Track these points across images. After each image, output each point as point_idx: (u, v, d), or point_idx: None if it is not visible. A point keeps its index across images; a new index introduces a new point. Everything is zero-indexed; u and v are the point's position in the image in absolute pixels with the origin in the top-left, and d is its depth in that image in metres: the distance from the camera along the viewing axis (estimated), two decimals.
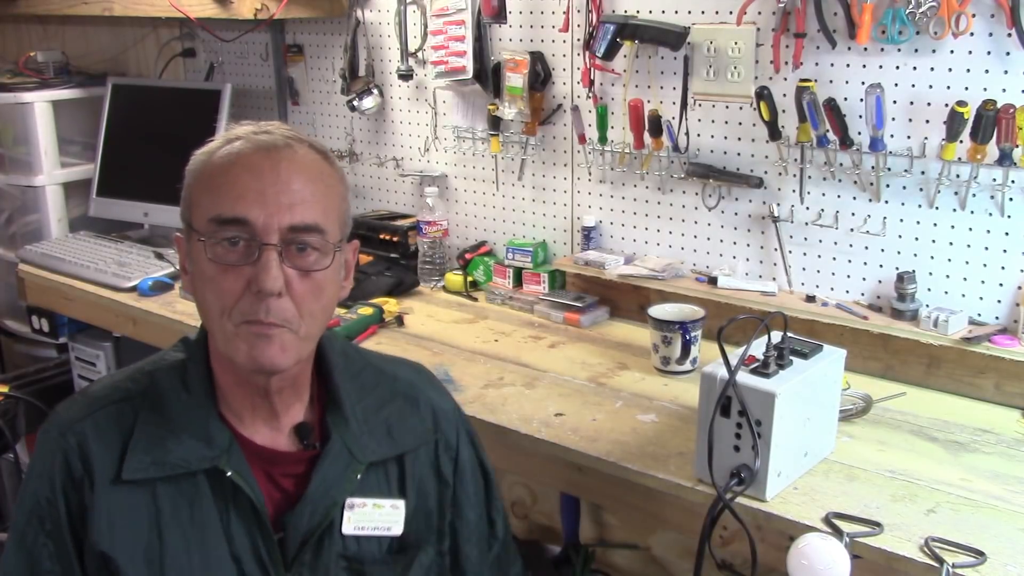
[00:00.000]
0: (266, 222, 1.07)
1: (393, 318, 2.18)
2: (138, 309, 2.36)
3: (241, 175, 1.09)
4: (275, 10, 2.44)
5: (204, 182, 1.12)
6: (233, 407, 1.16)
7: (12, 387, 2.56)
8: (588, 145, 2.21)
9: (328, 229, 1.12)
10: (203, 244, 1.09)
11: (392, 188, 2.68)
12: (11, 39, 3.65)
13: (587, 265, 2.18)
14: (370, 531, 1.19)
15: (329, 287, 1.14)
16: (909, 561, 1.25)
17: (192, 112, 2.79)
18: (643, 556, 1.83)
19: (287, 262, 1.09)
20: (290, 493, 1.17)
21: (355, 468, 1.19)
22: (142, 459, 1.10)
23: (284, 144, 1.12)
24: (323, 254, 1.12)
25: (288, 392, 1.18)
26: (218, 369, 1.17)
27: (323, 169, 1.14)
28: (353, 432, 1.20)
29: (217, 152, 1.12)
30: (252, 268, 1.07)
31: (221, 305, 1.09)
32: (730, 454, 1.37)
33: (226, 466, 1.11)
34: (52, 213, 2.93)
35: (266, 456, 1.16)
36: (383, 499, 1.21)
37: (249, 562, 1.12)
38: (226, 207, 1.08)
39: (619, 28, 2.03)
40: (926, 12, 1.69)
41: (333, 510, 1.16)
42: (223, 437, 1.13)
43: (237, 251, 1.08)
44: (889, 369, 1.81)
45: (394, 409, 1.25)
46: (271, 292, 1.07)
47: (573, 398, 1.76)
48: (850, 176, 1.87)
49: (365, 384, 1.25)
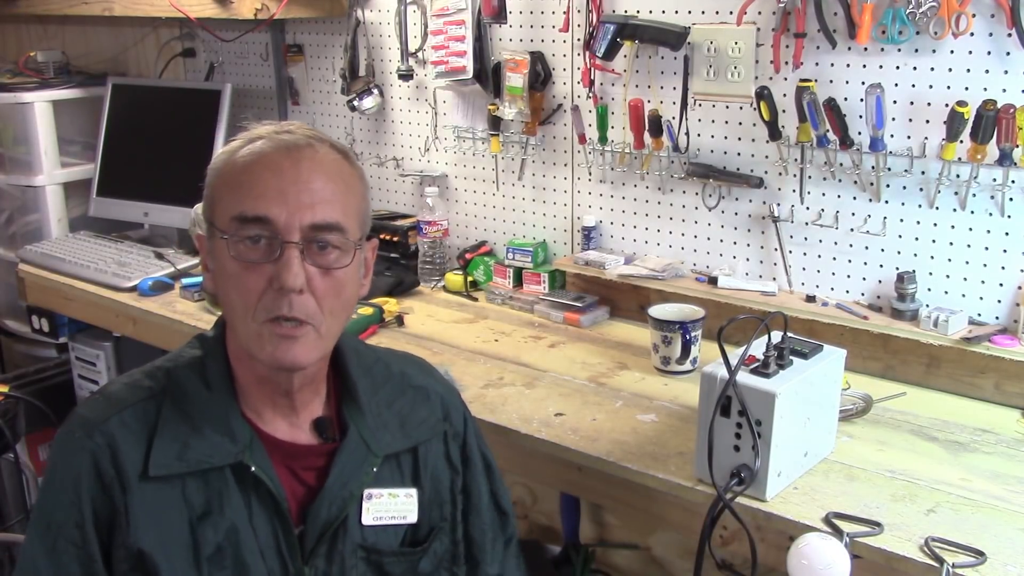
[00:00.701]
0: (288, 220, 1.08)
1: (393, 318, 2.18)
2: (138, 309, 2.36)
3: (263, 174, 1.10)
4: (275, 10, 2.44)
5: (226, 181, 1.13)
6: (253, 404, 1.18)
7: (12, 387, 2.56)
8: (588, 145, 2.21)
9: (348, 228, 1.13)
10: (225, 242, 1.10)
11: (392, 188, 2.68)
12: (11, 39, 3.65)
13: (587, 265, 2.18)
14: (387, 520, 1.22)
15: (350, 285, 1.16)
16: (909, 561, 1.25)
17: (192, 112, 2.79)
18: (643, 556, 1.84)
19: (308, 260, 1.10)
20: (312, 487, 1.19)
21: (372, 461, 1.21)
22: (167, 455, 1.11)
23: (306, 143, 1.13)
24: (344, 252, 1.13)
25: (308, 389, 1.20)
26: (238, 366, 1.18)
27: (343, 168, 1.16)
28: (369, 425, 1.22)
29: (239, 152, 1.14)
30: (274, 266, 1.09)
31: (245, 303, 1.10)
32: (730, 454, 1.37)
33: (249, 461, 1.13)
34: (52, 213, 2.93)
35: (287, 451, 1.18)
36: (398, 488, 1.23)
37: (270, 555, 1.14)
38: (248, 205, 1.09)
39: (619, 28, 2.03)
40: (926, 12, 1.69)
41: (351, 502, 1.18)
42: (245, 433, 1.14)
43: (259, 249, 1.09)
44: (889, 369, 1.81)
45: (406, 402, 1.28)
46: (292, 289, 1.08)
47: (573, 398, 1.76)
48: (850, 176, 1.87)
49: (377, 378, 1.27)
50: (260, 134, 1.15)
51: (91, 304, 2.51)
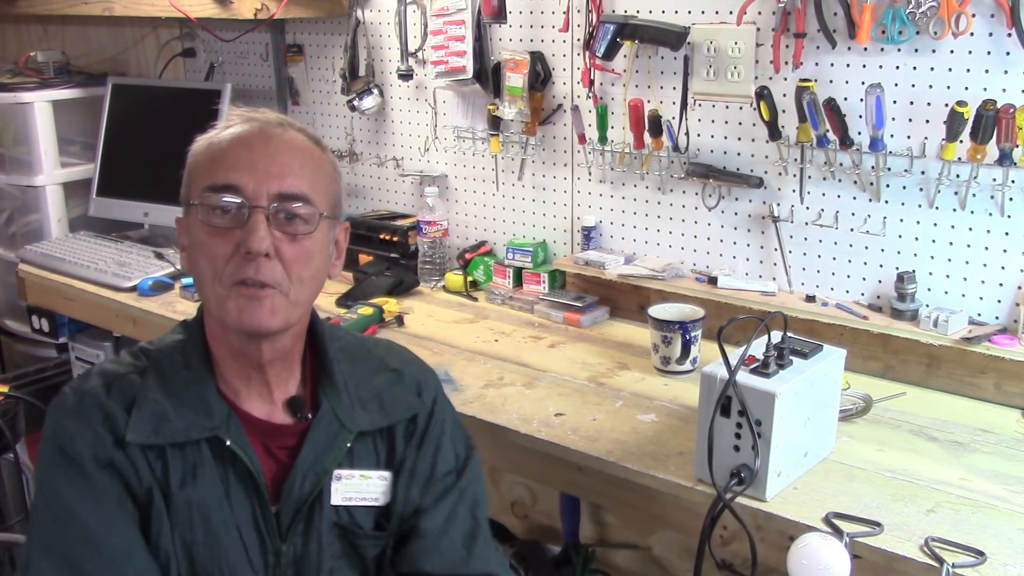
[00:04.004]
0: (256, 188, 1.14)
1: (393, 318, 2.18)
2: (138, 309, 2.36)
3: (235, 148, 1.17)
4: (275, 10, 2.44)
5: (200, 160, 1.19)
6: (230, 382, 1.21)
7: (12, 387, 2.56)
8: (588, 145, 2.21)
9: (315, 200, 1.18)
10: (196, 209, 1.16)
11: (392, 188, 2.68)
12: (11, 39, 3.65)
13: (587, 265, 2.18)
14: (357, 501, 1.24)
15: (317, 256, 1.19)
16: (909, 561, 1.25)
17: (192, 112, 2.79)
18: (643, 556, 1.84)
19: (274, 226, 1.15)
20: (285, 464, 1.21)
21: (344, 437, 1.23)
22: (144, 427, 1.14)
23: (277, 123, 1.21)
24: (309, 223, 1.17)
25: (280, 365, 1.22)
26: (214, 344, 1.21)
27: (312, 150, 1.22)
28: (344, 403, 1.24)
29: (215, 136, 1.21)
30: (241, 231, 1.13)
31: (213, 268, 1.15)
32: (730, 454, 1.37)
33: (225, 435, 1.16)
34: (52, 213, 2.93)
35: (262, 428, 1.21)
36: (371, 470, 1.25)
37: (248, 530, 1.17)
38: (219, 176, 1.15)
39: (619, 28, 2.03)
40: (926, 12, 1.69)
41: (324, 478, 1.21)
42: (221, 409, 1.18)
43: (228, 217, 1.14)
44: (889, 369, 1.81)
45: (384, 381, 1.30)
46: (259, 252, 1.12)
47: (573, 398, 1.76)
48: (850, 176, 1.87)
49: (355, 357, 1.30)
50: (234, 119, 1.22)
51: (91, 304, 2.51)
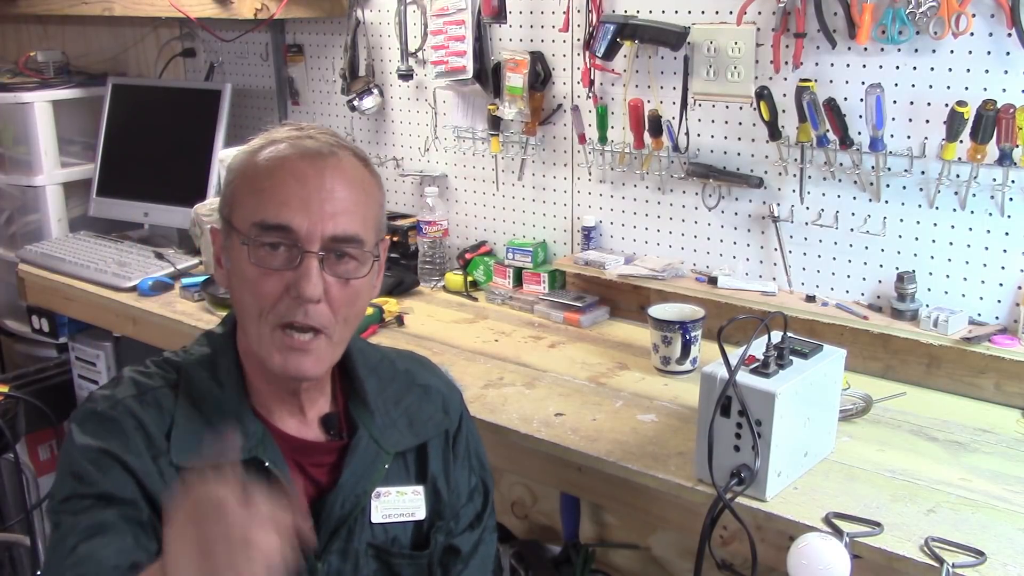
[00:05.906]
0: (309, 230, 1.09)
1: (393, 318, 2.18)
2: (138, 309, 2.36)
3: (286, 180, 1.10)
4: (275, 10, 2.44)
5: (248, 183, 1.13)
6: (262, 400, 1.19)
7: (12, 387, 2.55)
8: (588, 145, 2.21)
9: (367, 239, 1.14)
10: (246, 248, 1.11)
11: (392, 188, 2.68)
12: (11, 39, 3.65)
13: (587, 265, 2.18)
14: (395, 518, 1.24)
15: (364, 294, 1.18)
16: (909, 561, 1.25)
17: (192, 112, 2.79)
18: (643, 556, 1.84)
19: (327, 270, 1.11)
20: (320, 483, 1.20)
21: (383, 459, 1.22)
22: (184, 448, 1.12)
23: (329, 152, 1.14)
24: (361, 264, 1.14)
25: (314, 388, 1.21)
26: (248, 364, 1.19)
27: (364, 177, 1.17)
28: (377, 424, 1.24)
29: (260, 153, 1.14)
30: (293, 273, 1.10)
31: (259, 307, 1.11)
32: (730, 454, 1.37)
33: (263, 455, 1.14)
34: (52, 213, 2.93)
35: (297, 447, 1.19)
36: (405, 486, 1.25)
37: None
38: (270, 213, 1.10)
39: (619, 28, 2.03)
40: (926, 12, 1.69)
41: (363, 499, 1.20)
42: (257, 429, 1.16)
43: (279, 256, 1.10)
44: (889, 369, 1.81)
45: (412, 400, 1.29)
46: (311, 299, 1.09)
47: (573, 398, 1.76)
48: (850, 176, 1.87)
49: (383, 377, 1.29)
50: (282, 136, 1.15)
51: (91, 304, 2.51)
